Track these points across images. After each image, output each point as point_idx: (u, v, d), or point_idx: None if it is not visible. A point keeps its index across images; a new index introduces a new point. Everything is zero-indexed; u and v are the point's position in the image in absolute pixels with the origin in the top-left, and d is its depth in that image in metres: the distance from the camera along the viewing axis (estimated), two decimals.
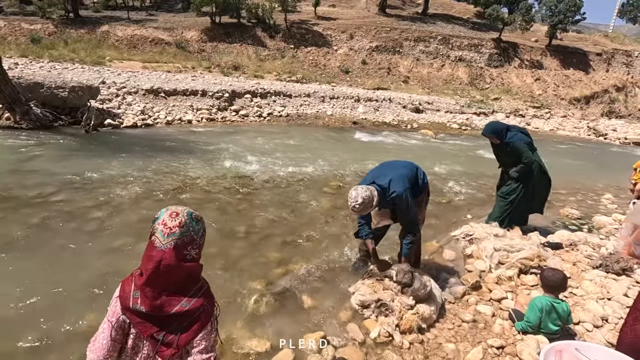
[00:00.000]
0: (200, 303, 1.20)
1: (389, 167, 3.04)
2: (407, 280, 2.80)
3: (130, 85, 11.68)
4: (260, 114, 12.80)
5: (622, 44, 29.46)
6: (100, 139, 8.16)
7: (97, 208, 4.51)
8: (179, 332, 1.17)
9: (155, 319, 1.18)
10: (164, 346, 1.17)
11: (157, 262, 1.18)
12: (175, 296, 1.18)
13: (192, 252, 1.23)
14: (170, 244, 1.19)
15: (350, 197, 2.61)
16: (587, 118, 20.23)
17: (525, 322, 2.59)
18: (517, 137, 4.10)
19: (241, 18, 23.68)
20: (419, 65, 23.77)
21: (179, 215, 1.23)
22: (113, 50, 19.01)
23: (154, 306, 1.17)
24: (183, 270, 1.20)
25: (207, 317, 1.21)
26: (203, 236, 1.29)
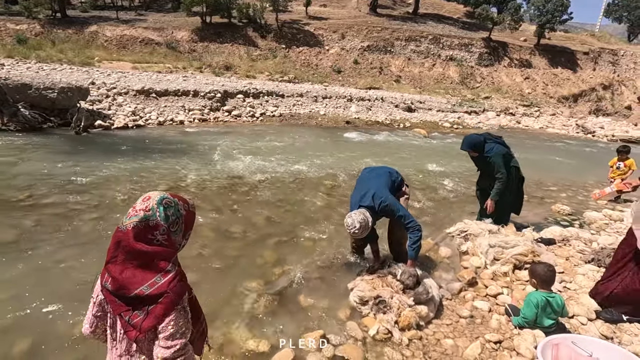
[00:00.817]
0: (163, 289, 1.16)
1: (365, 183, 3.19)
2: (410, 283, 2.82)
3: (121, 86, 11.53)
4: (253, 114, 12.75)
5: (608, 43, 30.03)
6: (91, 141, 8.05)
7: (91, 210, 4.44)
8: (144, 315, 1.16)
9: (123, 299, 1.18)
10: (130, 326, 1.17)
11: (116, 242, 1.19)
12: (137, 279, 1.16)
13: (158, 237, 1.20)
14: (130, 225, 1.18)
15: (348, 225, 2.85)
16: (575, 116, 20.58)
17: (522, 317, 2.63)
18: (495, 149, 4.06)
19: (232, 18, 23.55)
20: (410, 65, 23.92)
21: (150, 200, 1.23)
22: (102, 51, 18.75)
23: (116, 286, 1.17)
24: (144, 252, 1.16)
25: (171, 305, 1.16)
26: (177, 222, 1.25)
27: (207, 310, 2.76)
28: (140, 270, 1.17)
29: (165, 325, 1.16)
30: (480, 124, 16.38)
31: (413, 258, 2.97)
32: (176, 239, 1.26)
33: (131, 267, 1.17)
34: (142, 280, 1.16)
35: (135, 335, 1.17)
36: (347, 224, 2.88)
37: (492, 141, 4.13)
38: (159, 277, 1.17)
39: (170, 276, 1.19)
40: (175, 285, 1.18)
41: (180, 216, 1.27)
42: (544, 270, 2.63)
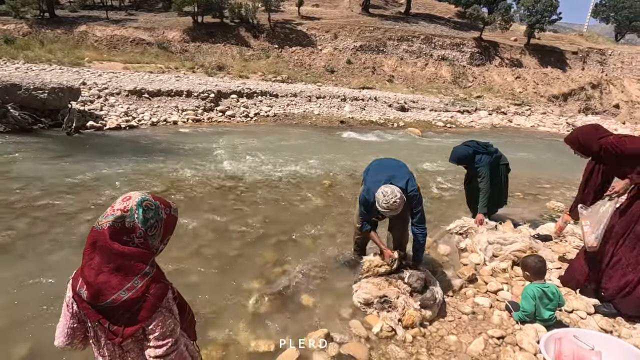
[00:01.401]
0: (141, 293, 1.12)
1: (390, 168, 3.02)
2: (418, 286, 2.75)
3: (113, 86, 11.38)
4: (247, 114, 12.68)
5: (596, 43, 30.55)
6: (84, 142, 7.93)
7: (85, 212, 4.37)
8: (123, 322, 1.12)
9: (97, 308, 1.13)
10: (112, 333, 1.14)
11: (91, 243, 1.14)
12: (114, 283, 1.10)
13: (135, 239, 1.15)
14: (106, 225, 1.13)
15: (386, 194, 2.56)
16: (565, 115, 20.89)
17: (522, 312, 2.66)
18: (484, 160, 4.08)
19: (224, 18, 23.41)
20: (403, 65, 24.03)
21: (129, 200, 1.17)
22: (92, 51, 18.48)
23: (92, 292, 1.11)
24: (121, 253, 1.11)
25: (153, 308, 1.13)
26: (155, 226, 1.19)
27: (210, 310, 2.75)
28: (116, 274, 1.11)
29: (153, 327, 1.14)
30: (473, 123, 16.52)
31: (421, 261, 2.95)
32: (153, 244, 1.20)
33: (107, 271, 1.11)
34: (119, 284, 1.11)
35: (119, 342, 1.14)
36: (384, 193, 2.56)
37: (481, 152, 4.16)
38: (137, 281, 1.12)
39: (148, 279, 1.14)
40: (154, 288, 1.15)
41: (159, 220, 1.21)
42: (535, 261, 2.70)
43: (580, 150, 3.01)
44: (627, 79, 26.04)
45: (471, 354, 2.39)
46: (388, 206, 2.57)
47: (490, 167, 4.09)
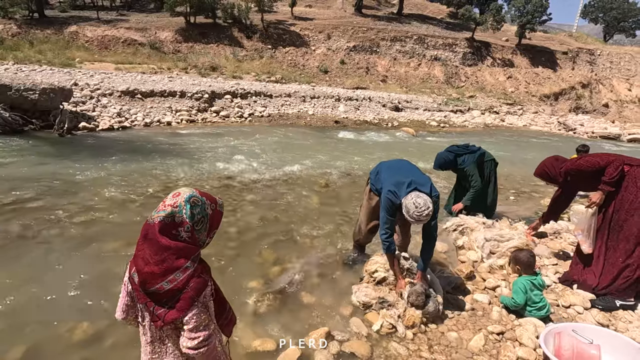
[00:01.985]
0: (182, 285, 1.20)
1: (409, 169, 2.93)
2: (419, 303, 2.64)
3: (105, 87, 11.26)
4: (241, 115, 12.64)
5: (585, 43, 31.01)
6: (76, 143, 7.82)
7: (80, 213, 4.31)
8: (165, 309, 1.21)
9: (146, 292, 1.23)
10: (156, 317, 1.23)
11: (143, 235, 1.24)
12: (159, 274, 1.20)
13: (182, 233, 1.24)
14: (157, 219, 1.23)
15: (420, 207, 2.46)
16: (556, 114, 21.16)
17: (513, 302, 2.74)
18: (468, 160, 4.23)
19: (217, 18, 23.29)
20: (396, 65, 24.15)
21: (178, 197, 1.26)
22: (83, 51, 18.26)
23: (141, 279, 1.22)
24: (167, 247, 1.20)
25: (191, 300, 1.21)
26: (202, 221, 1.28)
27: None
28: (161, 266, 1.20)
29: (188, 319, 1.21)
30: (466, 122, 16.66)
31: (424, 270, 2.82)
32: (200, 237, 1.29)
33: (153, 262, 1.21)
34: (163, 276, 1.20)
35: (160, 325, 1.24)
36: (417, 205, 2.44)
37: (462, 153, 4.28)
38: (179, 274, 1.20)
39: (190, 272, 1.22)
40: (194, 282, 1.22)
41: (205, 215, 1.29)
42: (527, 256, 2.83)
43: (551, 182, 3.49)
44: (615, 79, 26.49)
45: (472, 350, 2.40)
46: (419, 217, 2.47)
47: (476, 165, 4.22)
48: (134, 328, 1.41)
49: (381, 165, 3.13)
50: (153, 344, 1.33)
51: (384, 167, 3.05)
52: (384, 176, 2.92)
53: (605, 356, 2.20)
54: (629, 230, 2.79)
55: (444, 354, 2.37)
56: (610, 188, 2.85)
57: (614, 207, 2.88)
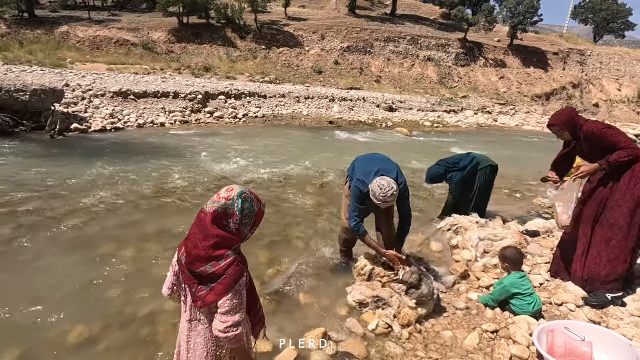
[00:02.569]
0: (223, 270, 1.34)
1: (379, 161, 3.09)
2: (414, 281, 2.71)
3: (97, 88, 11.15)
4: (235, 116, 12.60)
5: (576, 44, 31.41)
6: (68, 145, 7.74)
7: (72, 216, 4.27)
8: (207, 290, 1.36)
9: (192, 273, 1.38)
10: (197, 297, 1.37)
11: (197, 221, 1.40)
12: (204, 258, 1.35)
13: (231, 225, 1.40)
14: (211, 209, 1.38)
15: (384, 188, 2.62)
16: (548, 114, 21.38)
17: (490, 296, 2.84)
18: (455, 177, 4.42)
19: (210, 19, 23.20)
20: (390, 65, 24.24)
21: (232, 191, 1.42)
22: (75, 52, 18.06)
23: (188, 261, 1.38)
24: (214, 235, 1.35)
25: (229, 286, 1.34)
26: (249, 216, 1.43)
27: None
28: (207, 251, 1.35)
29: (222, 303, 1.34)
30: (459, 122, 16.78)
31: (403, 240, 3.12)
32: (244, 230, 1.44)
33: (201, 247, 1.35)
34: (208, 260, 1.34)
35: (200, 305, 1.38)
36: (382, 186, 2.61)
37: (452, 170, 4.45)
38: (221, 260, 1.35)
39: (230, 260, 1.36)
40: (233, 269, 1.36)
41: (252, 211, 1.45)
42: (514, 253, 2.87)
43: (570, 131, 2.95)
44: (605, 79, 26.87)
45: (467, 349, 2.42)
46: (385, 199, 2.64)
47: (464, 182, 4.42)
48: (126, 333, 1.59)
49: (356, 160, 3.28)
50: (190, 323, 1.47)
51: (359, 161, 3.21)
52: (357, 169, 3.10)
53: (597, 353, 2.23)
54: (616, 222, 2.79)
55: (440, 353, 2.39)
56: (607, 168, 2.76)
57: (605, 196, 2.84)
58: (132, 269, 3.28)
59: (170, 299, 1.60)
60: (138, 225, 4.22)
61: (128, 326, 2.57)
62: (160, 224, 4.25)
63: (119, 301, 2.84)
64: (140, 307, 2.78)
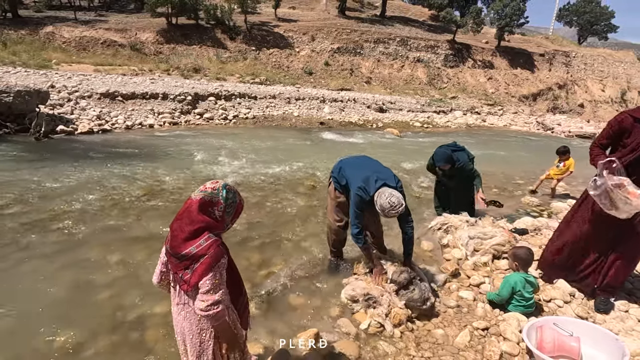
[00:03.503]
0: (205, 251, 1.46)
1: (370, 163, 3.10)
2: (402, 280, 2.73)
3: (84, 89, 10.95)
4: (225, 117, 12.51)
5: (561, 46, 32.04)
6: (54, 147, 7.58)
7: (58, 219, 4.18)
8: (190, 274, 1.46)
9: (177, 257, 1.49)
10: (183, 282, 1.49)
11: (186, 206, 1.53)
12: (189, 241, 1.47)
13: (216, 212, 1.54)
14: (198, 197, 1.52)
15: (393, 204, 2.60)
16: (535, 114, 21.77)
17: (497, 295, 2.81)
18: (461, 157, 4.27)
19: (199, 19, 23.02)
20: (380, 66, 24.38)
21: (217, 183, 1.59)
22: (60, 53, 17.72)
23: (174, 244, 1.50)
24: (200, 220, 1.48)
25: (210, 265, 1.45)
26: (232, 205, 1.58)
27: None
28: (192, 233, 1.48)
29: (203, 282, 1.45)
30: (449, 123, 16.95)
31: (411, 254, 3.01)
32: (227, 219, 1.59)
33: (187, 230, 1.48)
34: (192, 242, 1.47)
35: (186, 289, 1.50)
36: (392, 204, 2.57)
37: (456, 149, 4.35)
38: (203, 241, 1.48)
39: (211, 241, 1.48)
40: (214, 250, 1.47)
41: (235, 202, 1.61)
42: (526, 253, 2.85)
43: None
44: (589, 80, 27.47)
45: (458, 346, 2.44)
46: (394, 213, 2.63)
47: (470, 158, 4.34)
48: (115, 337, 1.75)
49: (342, 163, 3.25)
50: (178, 306, 1.60)
51: (346, 164, 3.18)
52: (349, 173, 3.04)
53: (585, 347, 2.27)
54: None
55: (431, 351, 2.40)
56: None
57: None
58: (120, 273, 3.22)
59: (159, 287, 1.71)
60: (126, 228, 4.15)
61: (116, 330, 2.53)
62: (149, 226, 4.19)
63: (107, 305, 2.78)
64: (129, 311, 2.73)
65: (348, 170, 3.10)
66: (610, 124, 2.69)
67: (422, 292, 2.70)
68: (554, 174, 6.29)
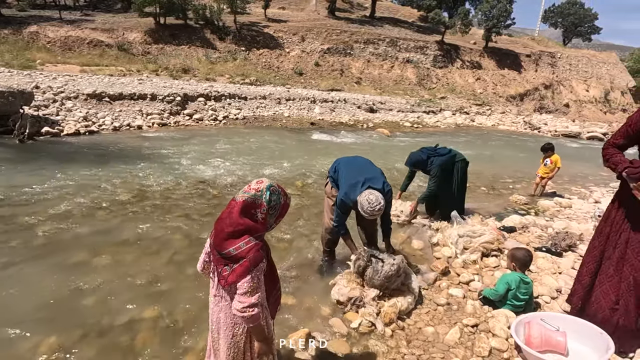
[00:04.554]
0: (244, 254, 1.46)
1: (364, 167, 3.16)
2: (361, 263, 2.84)
3: (69, 90, 10.75)
4: (215, 118, 12.43)
5: (546, 47, 32.66)
6: (39, 149, 7.43)
7: (44, 223, 4.10)
8: (230, 271, 1.48)
9: (218, 254, 1.51)
10: (221, 276, 1.51)
11: (229, 207, 1.52)
12: (229, 242, 1.48)
13: (258, 214, 1.52)
14: (242, 198, 1.51)
15: (371, 202, 2.69)
16: (522, 114, 22.14)
17: (494, 290, 2.83)
18: (435, 162, 4.37)
19: (188, 19, 22.81)
20: (370, 67, 24.51)
21: (261, 184, 1.56)
22: (45, 53, 17.37)
23: (216, 242, 1.52)
24: (239, 223, 1.48)
25: (248, 269, 1.45)
26: (275, 207, 1.55)
27: (186, 318, 2.67)
28: (232, 234, 1.49)
29: (241, 284, 1.46)
30: (438, 122, 17.13)
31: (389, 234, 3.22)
32: (269, 220, 1.56)
33: (228, 231, 1.49)
34: (232, 243, 1.48)
35: (223, 284, 1.53)
36: (370, 201, 2.68)
37: (432, 155, 4.45)
38: (243, 244, 1.47)
39: (252, 245, 1.48)
40: (253, 254, 1.47)
41: (279, 203, 1.57)
42: (525, 254, 2.88)
43: None
44: (574, 80, 28.05)
45: (448, 344, 2.46)
46: (372, 212, 2.73)
47: (442, 168, 4.34)
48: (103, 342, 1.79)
49: (339, 162, 3.34)
50: (216, 297, 1.63)
51: (342, 165, 3.27)
52: (342, 174, 3.16)
53: (571, 342, 2.32)
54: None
55: (422, 348, 2.42)
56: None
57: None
58: (109, 277, 3.17)
59: (203, 275, 1.75)
60: (114, 231, 4.08)
61: (105, 335, 2.48)
62: (137, 229, 4.14)
63: (95, 310, 2.73)
64: (118, 315, 2.69)
65: (342, 171, 3.19)
66: (632, 121, 2.18)
67: (375, 268, 2.79)
68: (544, 174, 6.39)
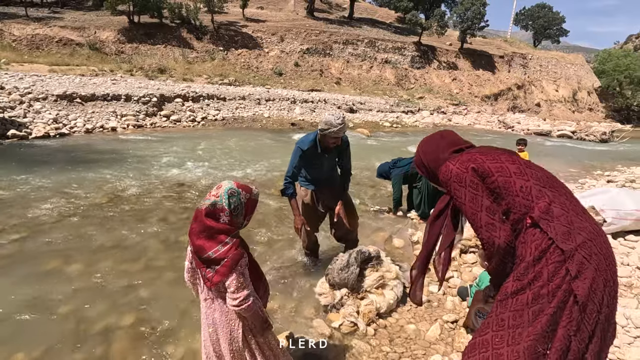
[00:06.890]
0: (224, 255, 1.53)
1: None
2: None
3: (38, 91, 10.30)
4: (193, 119, 12.19)
5: (518, 48, 33.84)
6: (5, 153, 7.07)
7: (12, 230, 3.90)
8: (213, 272, 1.54)
9: (199, 259, 1.57)
10: (206, 279, 1.57)
11: (195, 217, 1.58)
12: (206, 247, 1.54)
13: (223, 217, 1.58)
14: (204, 206, 1.56)
15: (334, 114, 2.80)
16: (497, 113, 22.85)
17: (477, 283, 2.87)
18: (394, 172, 4.96)
19: (163, 18, 22.29)
20: (349, 67, 24.68)
21: (220, 189, 1.60)
22: (10, 52, 16.58)
23: (194, 250, 1.58)
24: (210, 227, 1.54)
25: (230, 267, 1.52)
26: (238, 208, 1.59)
27: (165, 325, 2.60)
28: (207, 240, 1.54)
29: (229, 283, 1.53)
30: (417, 122, 17.44)
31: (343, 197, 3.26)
32: (237, 220, 1.61)
33: (202, 238, 1.55)
34: (209, 248, 1.53)
35: (209, 285, 1.58)
36: (332, 114, 2.80)
37: (393, 167, 5.04)
38: (220, 247, 1.54)
39: (229, 246, 1.54)
40: (232, 253, 1.54)
41: (241, 203, 1.61)
42: None
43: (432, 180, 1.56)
44: (545, 81, 29.19)
45: (429, 340, 2.51)
46: (340, 121, 2.80)
47: (402, 177, 4.91)
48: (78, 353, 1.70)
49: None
50: (207, 301, 1.67)
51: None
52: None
53: None
54: None
55: (404, 346, 2.45)
56: None
57: None
58: (83, 284, 3.05)
59: (189, 284, 1.77)
60: (88, 237, 3.94)
61: (80, 345, 2.39)
62: (112, 235, 4.00)
63: (69, 319, 2.63)
64: (94, 324, 2.59)
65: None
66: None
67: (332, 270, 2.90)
68: None
